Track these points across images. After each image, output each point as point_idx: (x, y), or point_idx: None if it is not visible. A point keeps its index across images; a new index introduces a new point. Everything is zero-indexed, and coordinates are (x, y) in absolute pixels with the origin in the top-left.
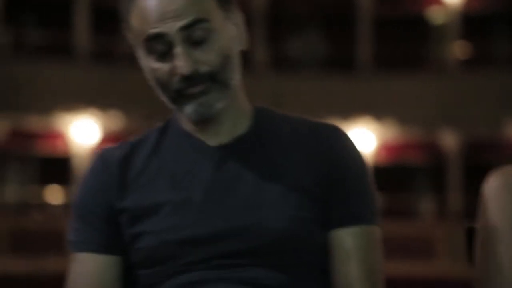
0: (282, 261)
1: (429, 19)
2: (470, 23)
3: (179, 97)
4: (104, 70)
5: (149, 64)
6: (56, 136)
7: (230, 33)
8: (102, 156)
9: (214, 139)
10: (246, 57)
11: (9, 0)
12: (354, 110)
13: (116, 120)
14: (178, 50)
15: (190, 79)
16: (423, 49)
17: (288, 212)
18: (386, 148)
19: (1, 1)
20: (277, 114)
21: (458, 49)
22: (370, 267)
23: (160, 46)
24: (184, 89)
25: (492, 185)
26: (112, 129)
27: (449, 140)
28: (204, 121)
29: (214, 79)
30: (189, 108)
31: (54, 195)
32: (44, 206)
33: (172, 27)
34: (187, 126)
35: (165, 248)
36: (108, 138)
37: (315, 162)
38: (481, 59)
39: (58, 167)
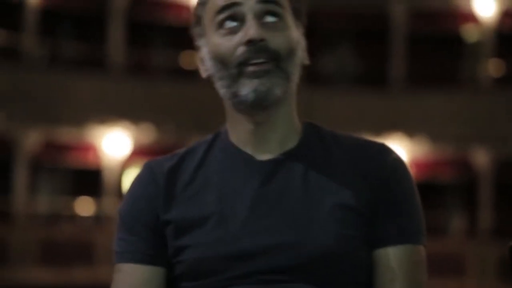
0: (326, 278)
1: (463, 36)
2: (504, 41)
3: (240, 74)
4: (137, 83)
5: (215, 40)
6: (88, 148)
7: (297, 36)
8: (150, 167)
9: (262, 153)
10: None
11: (45, 13)
12: (385, 127)
13: (148, 133)
14: (250, 19)
15: (258, 49)
16: (456, 67)
17: (333, 230)
18: (417, 165)
19: (37, 14)
20: (326, 131)
21: (491, 67)
22: (412, 286)
23: (231, 19)
24: (248, 59)
25: None
26: (143, 142)
27: (481, 158)
28: (260, 107)
29: (278, 63)
30: (248, 87)
31: (85, 206)
32: (75, 218)
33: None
34: (235, 139)
35: (208, 262)
36: (139, 151)
37: (362, 180)
38: None
39: (89, 179)
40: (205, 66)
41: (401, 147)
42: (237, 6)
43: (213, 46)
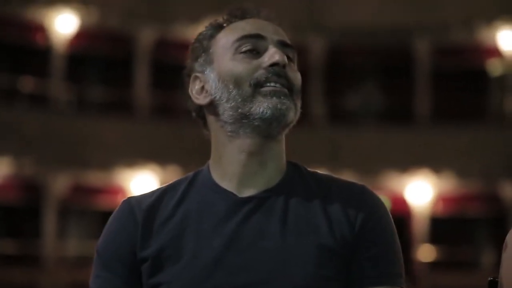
0: None
1: (487, 70)
2: None
3: (255, 93)
4: (163, 125)
5: (230, 63)
6: (117, 191)
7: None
8: (129, 203)
9: (246, 188)
10: (303, 110)
11: (71, 59)
12: (411, 163)
13: (175, 175)
14: (273, 47)
15: (279, 73)
16: (481, 101)
17: (309, 270)
18: (444, 201)
19: (63, 60)
20: (308, 171)
21: None
22: None
23: (251, 45)
24: (268, 81)
25: None
26: None
27: (509, 191)
28: (273, 125)
29: (292, 94)
30: (266, 104)
31: None
32: None
33: (272, 35)
34: (219, 175)
35: None
36: None
37: (342, 221)
38: None
39: None
40: (208, 92)
41: (428, 183)
42: (260, 39)
43: (226, 68)
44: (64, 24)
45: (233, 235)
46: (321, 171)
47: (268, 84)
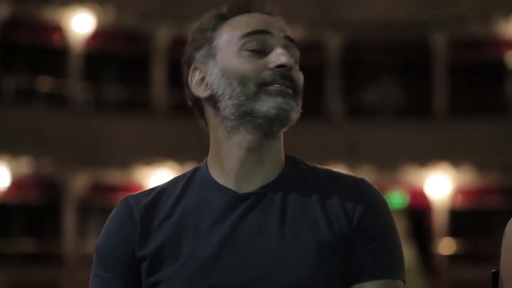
0: None
1: (505, 63)
2: None
3: (260, 92)
4: (181, 123)
5: (235, 60)
6: (135, 189)
7: None
8: (127, 202)
9: (244, 184)
10: (321, 106)
11: (88, 58)
12: (430, 157)
13: None
14: (279, 47)
15: (285, 75)
16: (499, 94)
17: (308, 265)
18: (463, 194)
19: (80, 60)
20: (306, 166)
21: None
22: None
23: (257, 43)
24: (274, 82)
25: None
26: None
27: None
28: (277, 124)
29: (296, 95)
30: (271, 103)
31: None
32: None
33: (277, 32)
34: (217, 171)
35: None
36: None
37: (341, 215)
38: None
39: None
40: (209, 85)
41: (447, 177)
42: (266, 34)
43: (231, 65)
44: (80, 24)
45: (231, 233)
46: (339, 167)
47: (274, 85)
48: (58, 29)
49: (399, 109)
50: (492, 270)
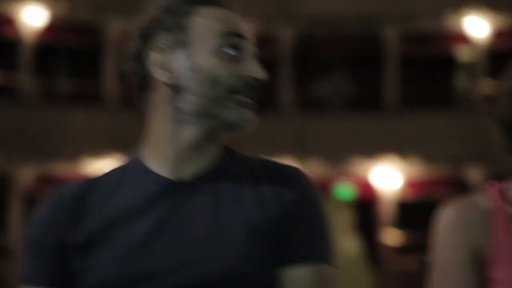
0: None
1: (455, 57)
2: (496, 60)
3: (228, 98)
4: (131, 116)
5: (210, 59)
6: None
7: None
8: (60, 192)
9: (180, 173)
10: (273, 99)
11: (40, 51)
12: (380, 149)
13: None
14: (251, 57)
15: (254, 88)
16: (449, 87)
17: (239, 251)
18: (411, 185)
19: (31, 51)
20: (239, 154)
21: (484, 86)
22: None
23: (234, 47)
24: (244, 92)
25: (444, 218)
26: None
27: (475, 176)
28: (232, 132)
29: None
30: (237, 113)
31: None
32: None
33: (249, 37)
34: (154, 160)
35: (111, 283)
36: None
37: (273, 202)
38: None
39: None
40: (173, 74)
41: (395, 169)
42: (242, 39)
43: (206, 63)
44: (32, 17)
45: (164, 219)
46: (288, 158)
47: (244, 95)
48: (9, 22)
49: (350, 102)
50: (423, 260)
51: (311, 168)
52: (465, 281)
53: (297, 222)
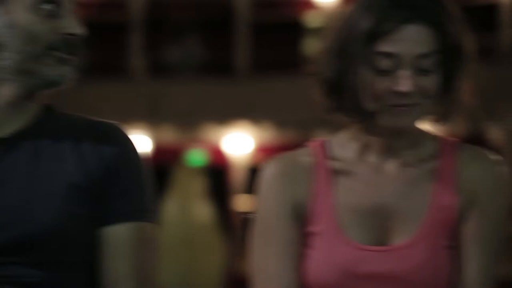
0: (47, 257)
1: (304, 23)
2: None
3: (50, 56)
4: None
5: (31, 16)
6: None
7: None
8: None
9: None
10: (123, 64)
11: None
12: (231, 115)
13: None
14: (71, 14)
15: (74, 43)
16: (299, 53)
17: (56, 206)
18: (264, 151)
19: None
20: (60, 113)
21: None
22: (139, 264)
23: (50, 2)
24: (62, 49)
25: (265, 174)
26: None
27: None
28: (46, 90)
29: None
30: (59, 70)
31: None
32: None
33: None
34: None
35: None
36: None
37: (90, 159)
38: None
39: None
40: None
41: (247, 134)
42: None
43: (23, 21)
44: None
45: None
46: (141, 125)
47: (62, 52)
48: None
49: (201, 67)
50: (244, 216)
51: (163, 135)
52: (287, 236)
53: (116, 178)
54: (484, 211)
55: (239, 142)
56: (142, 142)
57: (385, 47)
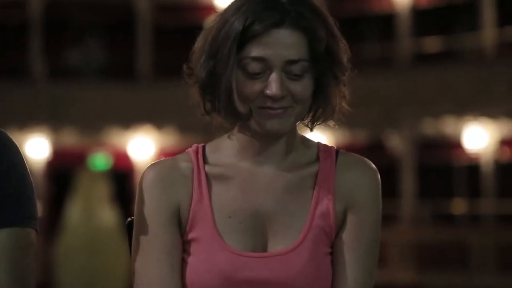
0: None
1: (204, 27)
2: None
3: None
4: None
5: None
6: None
7: None
8: None
9: None
10: (23, 67)
11: None
12: (134, 119)
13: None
14: None
15: None
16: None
17: None
18: (166, 155)
19: None
20: None
21: None
22: (19, 271)
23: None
24: None
25: (144, 179)
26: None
27: None
28: None
29: None
30: None
31: None
32: None
33: None
34: None
35: None
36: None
37: None
38: None
39: None
40: None
41: (150, 139)
42: None
43: None
44: None
45: None
46: (42, 129)
47: None
48: None
49: (103, 71)
50: (128, 219)
51: (66, 139)
52: (165, 242)
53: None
54: (361, 218)
55: (143, 147)
56: (42, 145)
57: (254, 50)
